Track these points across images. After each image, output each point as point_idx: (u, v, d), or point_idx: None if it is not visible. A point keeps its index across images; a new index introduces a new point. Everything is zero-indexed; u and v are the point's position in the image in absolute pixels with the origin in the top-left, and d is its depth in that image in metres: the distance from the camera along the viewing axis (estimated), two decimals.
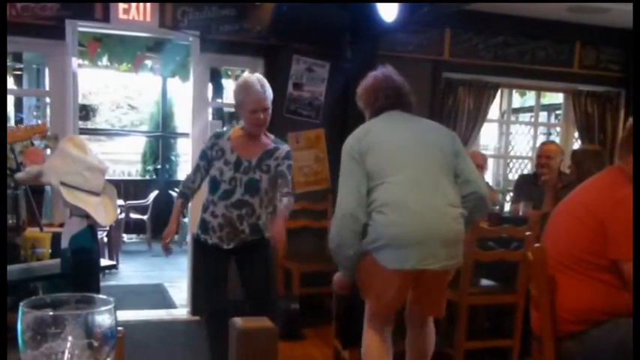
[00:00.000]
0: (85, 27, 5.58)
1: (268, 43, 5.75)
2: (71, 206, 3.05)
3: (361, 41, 5.62)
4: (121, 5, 5.34)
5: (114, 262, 3.71)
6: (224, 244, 3.67)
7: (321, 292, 5.31)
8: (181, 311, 6.04)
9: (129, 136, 13.47)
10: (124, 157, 12.47)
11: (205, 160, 3.77)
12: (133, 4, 5.37)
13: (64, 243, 3.17)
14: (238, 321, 1.39)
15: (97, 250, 3.27)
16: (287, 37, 5.73)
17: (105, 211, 3.07)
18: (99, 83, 12.83)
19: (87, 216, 3.05)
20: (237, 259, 3.77)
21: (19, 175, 3.28)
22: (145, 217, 9.87)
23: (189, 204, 4.42)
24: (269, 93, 3.65)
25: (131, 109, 14.32)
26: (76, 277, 3.06)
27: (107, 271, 6.72)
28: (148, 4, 5.42)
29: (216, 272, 3.77)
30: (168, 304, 6.39)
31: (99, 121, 13.74)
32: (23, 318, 0.83)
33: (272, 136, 3.81)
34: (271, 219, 3.69)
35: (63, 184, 2.92)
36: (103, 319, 0.84)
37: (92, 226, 3.13)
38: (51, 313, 0.83)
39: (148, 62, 9.43)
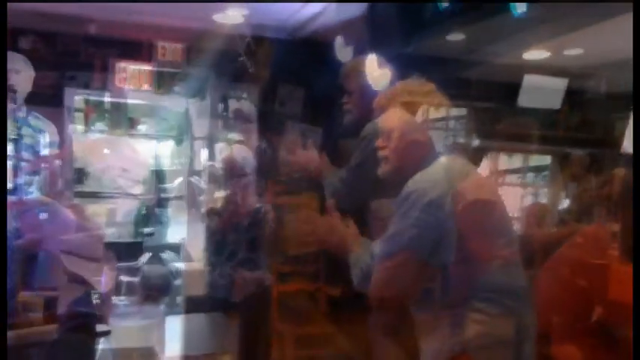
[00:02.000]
0: (83, 95, 5.77)
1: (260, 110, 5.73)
2: (70, 273, 2.93)
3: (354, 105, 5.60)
4: (119, 74, 5.39)
5: (109, 329, 3.55)
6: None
7: None
8: None
9: (121, 199, 13.29)
10: (116, 220, 12.27)
11: None
12: (130, 72, 5.38)
13: (61, 309, 3.04)
14: None
15: (95, 316, 3.13)
16: (279, 104, 5.74)
17: (104, 277, 2.96)
18: (92, 147, 12.73)
19: (85, 282, 2.94)
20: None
21: (18, 243, 3.17)
22: (135, 279, 9.65)
23: None
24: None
25: (124, 172, 14.20)
26: (71, 345, 2.91)
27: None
28: (146, 72, 5.45)
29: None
30: None
31: (91, 185, 13.58)
32: None
33: None
34: None
35: (63, 252, 2.82)
36: None
37: (89, 293, 3.01)
38: None
39: (142, 127, 9.38)
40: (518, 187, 7.88)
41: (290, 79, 5.14)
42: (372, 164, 2.36)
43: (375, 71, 2.78)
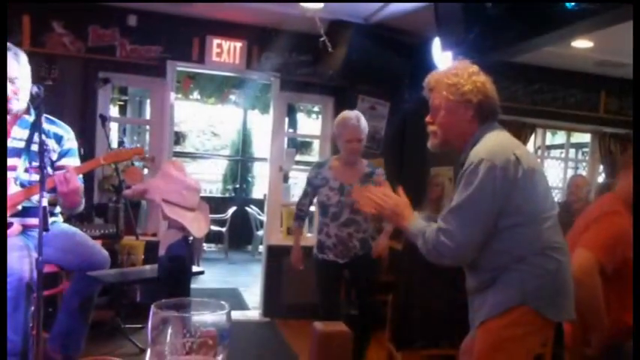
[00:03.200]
0: (183, 67, 5.78)
1: (337, 84, 5.85)
2: (170, 220, 3.17)
3: (418, 84, 5.66)
4: (215, 49, 5.53)
5: (202, 269, 3.79)
6: (339, 260, 3.86)
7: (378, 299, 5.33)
8: (254, 313, 6.12)
9: (212, 159, 13.75)
10: (207, 177, 12.74)
11: (311, 187, 3.95)
12: (225, 48, 5.56)
13: (162, 251, 3.29)
14: (319, 325, 1.45)
15: (190, 258, 3.37)
16: (354, 80, 5.84)
17: (198, 225, 3.18)
18: (188, 113, 13.18)
19: (182, 228, 3.17)
20: (350, 272, 3.95)
21: (126, 192, 3.42)
22: (223, 230, 10.07)
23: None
24: (364, 127, 3.84)
25: (214, 136, 14.62)
26: (170, 281, 3.17)
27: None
28: (238, 49, 5.60)
29: (332, 284, 3.94)
30: (243, 306, 6.47)
31: (187, 146, 14.09)
32: (153, 317, 0.87)
33: (365, 162, 3.97)
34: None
35: (165, 200, 3.05)
36: (220, 320, 0.89)
37: (186, 237, 3.24)
38: (176, 314, 0.88)
39: (232, 96, 9.67)
40: (560, 161, 8.11)
41: (363, 58, 5.23)
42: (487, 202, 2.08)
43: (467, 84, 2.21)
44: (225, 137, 13.95)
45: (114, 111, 7.96)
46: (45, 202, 2.55)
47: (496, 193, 2.04)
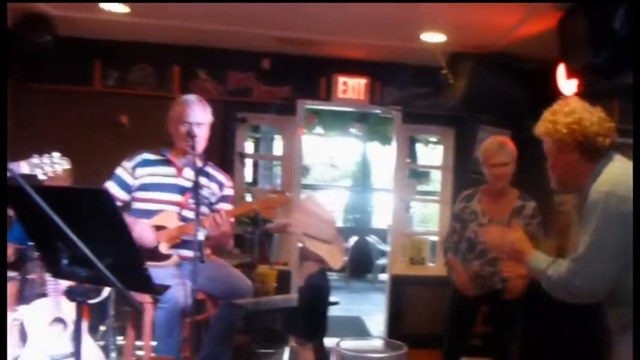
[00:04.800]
0: (311, 105, 5.96)
1: (458, 115, 5.77)
2: (309, 252, 3.23)
3: (540, 112, 5.48)
4: (340, 87, 5.67)
5: (337, 300, 3.83)
6: (478, 293, 3.67)
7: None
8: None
9: (332, 190, 13.94)
10: (328, 208, 12.89)
11: (460, 222, 3.75)
12: (350, 85, 5.68)
13: (300, 282, 3.36)
14: None
15: (328, 289, 3.42)
16: (475, 110, 5.73)
17: (335, 257, 3.23)
18: (310, 147, 13.50)
19: (320, 260, 3.22)
20: (489, 307, 3.79)
21: (270, 226, 3.55)
22: (345, 259, 10.11)
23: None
24: (509, 151, 3.61)
25: (332, 168, 14.85)
26: (309, 311, 3.23)
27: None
28: (362, 85, 5.70)
29: (466, 318, 3.78)
30: (366, 335, 6.44)
31: (309, 178, 14.40)
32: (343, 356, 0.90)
33: (517, 192, 3.71)
34: None
35: (305, 234, 3.13)
36: None
37: (324, 269, 3.30)
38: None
39: (353, 130, 9.81)
40: None
41: (484, 88, 5.14)
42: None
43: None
44: (343, 168, 14.13)
45: (248, 148, 8.30)
46: (201, 236, 2.72)
47: (624, 224, 1.96)
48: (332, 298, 3.94)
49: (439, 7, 4.08)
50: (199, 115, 3.18)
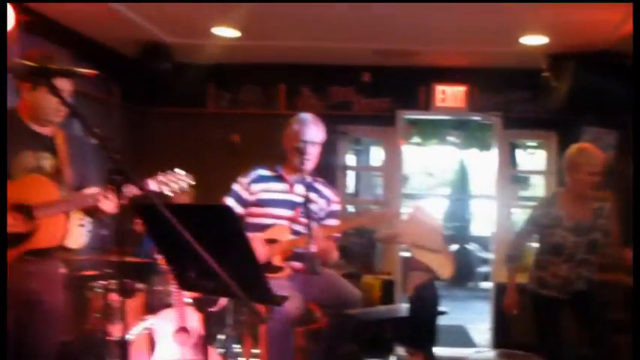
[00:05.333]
0: (410, 115, 5.93)
1: (560, 118, 5.53)
2: (418, 262, 3.21)
3: None
4: (439, 95, 5.61)
5: (445, 309, 3.77)
6: (561, 296, 3.60)
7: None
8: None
9: (430, 198, 13.74)
10: None
11: (537, 226, 3.68)
12: (448, 94, 5.60)
13: (409, 291, 3.35)
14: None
15: (437, 299, 3.38)
16: (578, 111, 5.47)
17: (444, 266, 3.18)
18: (407, 156, 13.38)
19: (429, 270, 3.19)
20: (576, 309, 3.67)
21: (379, 237, 3.56)
22: (454, 267, 9.91)
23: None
24: (596, 159, 3.53)
25: (429, 176, 14.65)
26: (419, 320, 3.19)
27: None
28: (461, 93, 5.61)
29: (554, 322, 3.68)
30: (470, 343, 6.26)
31: (408, 187, 14.28)
32: None
33: (593, 192, 3.65)
34: None
35: (414, 244, 3.11)
36: None
37: (433, 279, 3.26)
38: None
39: (450, 137, 9.65)
40: None
41: (587, 89, 4.90)
42: None
43: None
44: (440, 177, 13.90)
45: (351, 160, 8.32)
46: (314, 249, 2.75)
47: None
48: (442, 308, 3.89)
49: (540, 9, 3.95)
50: (314, 134, 3.25)
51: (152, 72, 4.83)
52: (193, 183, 2.73)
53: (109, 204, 2.46)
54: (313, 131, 3.25)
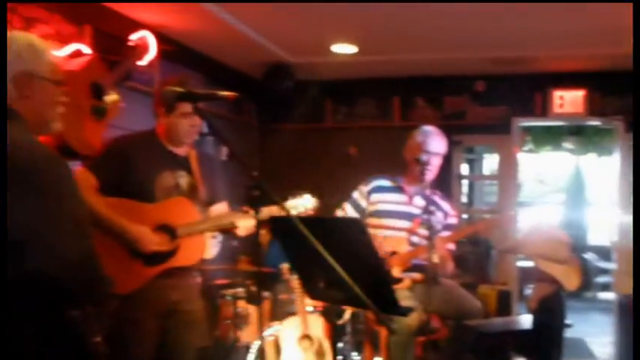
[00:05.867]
0: (526, 122, 5.75)
1: None
2: (543, 274, 3.09)
3: None
4: (557, 101, 5.39)
5: (571, 322, 3.59)
6: None
7: None
8: None
9: (544, 206, 13.12)
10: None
11: None
12: (567, 99, 5.37)
13: (533, 303, 3.22)
14: None
15: (563, 311, 3.22)
16: None
17: (570, 278, 3.04)
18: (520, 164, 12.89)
19: (554, 281, 3.05)
20: None
21: (501, 248, 3.46)
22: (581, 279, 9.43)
23: None
24: None
25: (540, 183, 14.04)
26: (545, 333, 3.06)
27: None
28: (580, 98, 5.36)
29: None
30: (592, 357, 5.90)
31: (521, 196, 13.74)
32: None
33: None
34: None
35: (538, 255, 2.99)
36: None
37: (559, 290, 3.12)
38: None
39: (566, 143, 9.20)
40: None
41: None
42: None
43: None
44: (552, 183, 13.27)
45: (465, 169, 8.13)
46: (436, 259, 2.72)
47: None
48: (567, 321, 3.71)
49: None
50: (437, 146, 3.24)
51: (276, 91, 5.03)
52: (317, 205, 2.76)
53: (244, 228, 2.55)
54: (436, 143, 3.24)
